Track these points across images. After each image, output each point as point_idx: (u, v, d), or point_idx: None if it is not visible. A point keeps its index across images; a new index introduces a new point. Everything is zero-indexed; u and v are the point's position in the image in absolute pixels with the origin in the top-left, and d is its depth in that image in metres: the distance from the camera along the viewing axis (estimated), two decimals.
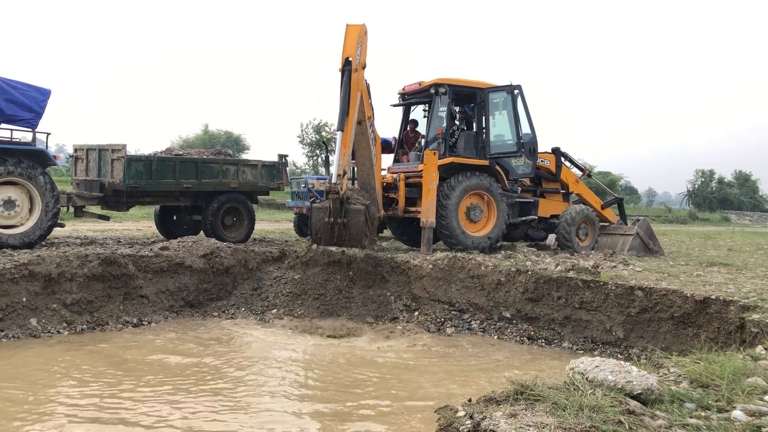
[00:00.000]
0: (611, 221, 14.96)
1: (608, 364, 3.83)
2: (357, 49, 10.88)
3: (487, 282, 9.80)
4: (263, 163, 14.11)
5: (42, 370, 6.97)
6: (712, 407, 3.57)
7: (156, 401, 6.08)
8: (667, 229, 31.48)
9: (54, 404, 5.93)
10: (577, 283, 9.07)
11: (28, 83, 10.99)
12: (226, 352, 8.10)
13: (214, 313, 10.18)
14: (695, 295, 7.97)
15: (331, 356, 8.10)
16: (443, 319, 9.76)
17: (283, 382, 6.88)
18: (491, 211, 12.68)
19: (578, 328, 9.02)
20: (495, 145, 13.01)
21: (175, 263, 10.17)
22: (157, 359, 7.63)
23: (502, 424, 3.18)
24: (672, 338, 8.11)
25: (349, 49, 10.84)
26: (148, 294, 9.82)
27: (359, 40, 10.92)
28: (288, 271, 11.02)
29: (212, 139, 52.50)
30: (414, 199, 12.59)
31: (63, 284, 9.01)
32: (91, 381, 6.66)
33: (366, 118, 11.64)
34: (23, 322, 8.51)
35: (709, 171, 74.47)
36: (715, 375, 4.07)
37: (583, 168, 15.67)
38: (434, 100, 12.83)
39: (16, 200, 10.50)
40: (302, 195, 16.65)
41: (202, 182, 13.00)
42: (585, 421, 3.13)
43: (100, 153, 12.56)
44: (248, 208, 13.89)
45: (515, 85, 13.08)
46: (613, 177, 62.23)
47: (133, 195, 12.55)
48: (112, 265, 9.51)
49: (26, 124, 10.90)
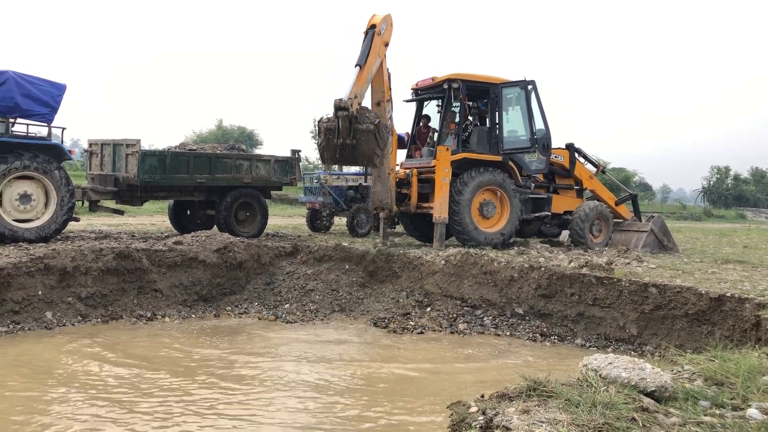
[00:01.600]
0: (625, 218, 14.86)
1: (622, 361, 3.80)
2: (382, 24, 11.22)
3: (500, 278, 9.78)
4: (276, 159, 14.12)
5: (69, 356, 7.04)
6: (726, 405, 3.54)
7: (166, 392, 6.12)
8: (682, 226, 31.25)
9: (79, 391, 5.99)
10: (591, 279, 9.02)
11: (43, 78, 11.08)
12: (239, 346, 8.13)
13: (227, 307, 10.23)
14: (710, 292, 7.91)
15: (342, 352, 8.12)
16: (455, 315, 9.75)
17: (294, 377, 6.90)
18: (504, 207, 12.64)
19: (591, 325, 8.98)
20: (508, 140, 12.95)
21: (188, 258, 10.22)
22: (170, 353, 7.68)
23: (515, 420, 3.17)
24: (686, 336, 8.05)
25: (376, 19, 11.26)
26: (162, 288, 9.88)
27: (385, 19, 11.31)
28: (301, 266, 11.06)
29: (226, 135, 52.66)
30: (426, 194, 12.57)
31: (78, 278, 9.09)
32: (106, 373, 6.72)
33: (384, 99, 11.68)
34: (39, 315, 8.61)
35: (724, 167, 73.82)
36: (730, 373, 4.04)
37: (597, 164, 15.56)
38: (447, 95, 12.79)
39: (32, 194, 10.60)
40: (315, 190, 16.66)
41: (216, 177, 13.04)
42: (598, 418, 3.12)
43: (115, 148, 12.62)
44: (261, 203, 13.93)
45: (529, 81, 13.01)
46: (627, 173, 61.85)
47: (148, 189, 12.61)
48: (126, 259, 9.58)
49: (42, 119, 10.99)
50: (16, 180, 10.42)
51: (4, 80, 10.46)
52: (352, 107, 10.24)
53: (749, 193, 71.82)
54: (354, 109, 10.28)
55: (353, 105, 10.29)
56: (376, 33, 11.05)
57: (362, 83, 10.77)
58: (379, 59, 11.22)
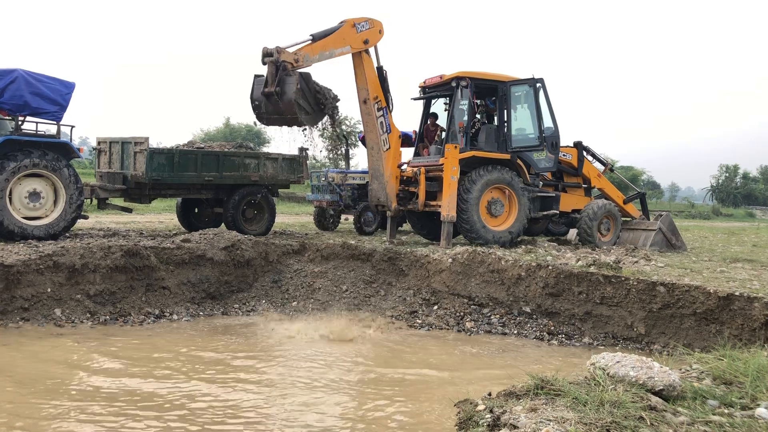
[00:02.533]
0: (633, 216, 14.79)
1: (630, 360, 3.80)
2: (363, 23, 11.52)
3: (507, 276, 9.76)
4: (284, 157, 14.14)
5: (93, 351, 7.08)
6: (735, 404, 3.53)
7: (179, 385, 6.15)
8: (690, 224, 31.11)
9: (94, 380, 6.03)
10: (599, 278, 9.00)
11: (53, 77, 11.12)
12: (246, 344, 8.16)
13: (234, 305, 10.26)
14: (718, 291, 7.88)
15: (349, 350, 8.13)
16: (463, 313, 9.74)
17: (301, 375, 6.92)
18: (512, 206, 12.61)
19: (599, 324, 8.96)
20: (516, 138, 12.91)
21: (196, 255, 10.25)
22: (177, 351, 7.71)
23: (522, 418, 3.17)
24: (694, 334, 8.02)
25: (354, 16, 11.58)
26: (170, 286, 9.92)
27: (369, 20, 11.62)
28: (308, 264, 11.07)
29: (233, 133, 52.69)
30: (434, 192, 12.54)
31: (86, 275, 9.14)
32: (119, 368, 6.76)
33: (371, 97, 11.84)
34: (48, 312, 8.66)
35: (733, 166, 73.41)
36: (739, 372, 4.02)
37: (606, 162, 15.49)
38: (455, 93, 12.74)
39: (41, 192, 10.65)
40: (322, 188, 16.66)
41: (224, 175, 13.06)
42: (606, 417, 3.11)
43: (123, 145, 12.67)
44: (269, 201, 13.95)
45: (537, 79, 12.96)
46: (636, 171, 61.62)
47: (156, 187, 12.64)
48: (135, 257, 9.62)
49: (51, 117, 11.04)
50: (26, 178, 10.48)
51: (13, 78, 10.50)
52: (281, 56, 10.31)
53: (758, 191, 71.41)
54: (283, 59, 10.33)
55: (284, 56, 10.36)
56: (347, 23, 11.38)
57: (312, 52, 10.91)
58: (348, 48, 11.41)
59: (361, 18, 11.63)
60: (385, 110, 12.09)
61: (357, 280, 10.70)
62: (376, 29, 11.83)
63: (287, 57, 10.46)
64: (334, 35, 11.28)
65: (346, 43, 11.42)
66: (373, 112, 11.88)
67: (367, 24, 11.63)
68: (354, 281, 10.67)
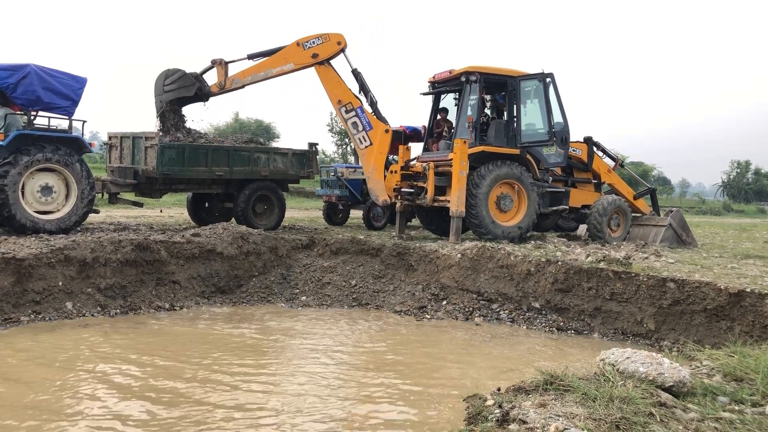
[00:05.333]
0: (644, 212, 14.73)
1: (639, 356, 3.79)
2: (314, 39, 12.72)
3: (517, 272, 9.75)
4: (294, 152, 14.17)
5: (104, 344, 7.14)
6: (746, 401, 3.52)
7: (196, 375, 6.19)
8: (701, 220, 30.93)
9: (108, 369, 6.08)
10: (608, 274, 8.97)
11: (65, 72, 11.19)
12: (257, 337, 8.19)
13: (244, 298, 10.30)
14: (729, 287, 7.84)
15: (357, 344, 8.15)
16: (471, 308, 9.75)
17: (310, 369, 6.94)
18: (522, 201, 12.57)
19: (608, 320, 8.94)
20: (526, 133, 12.86)
21: (206, 250, 10.30)
22: (191, 343, 7.76)
23: (532, 413, 3.18)
24: (705, 331, 7.99)
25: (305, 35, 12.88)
26: (180, 280, 9.97)
27: (322, 36, 12.78)
28: (317, 258, 11.10)
29: (243, 128, 52.74)
30: (443, 188, 12.53)
31: (97, 269, 9.21)
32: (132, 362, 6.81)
33: (335, 102, 12.91)
34: (59, 305, 8.73)
35: (745, 162, 72.93)
36: (750, 369, 4.01)
37: (616, 158, 15.43)
38: (465, 88, 12.72)
39: (53, 186, 10.72)
40: (331, 183, 16.69)
41: (234, 170, 13.11)
42: (615, 413, 3.11)
43: (134, 140, 12.73)
44: (279, 196, 13.98)
45: (547, 73, 12.91)
46: (646, 167, 61.27)
47: (166, 182, 12.70)
48: (145, 251, 9.68)
49: (63, 111, 11.10)
50: (38, 172, 10.55)
51: (26, 74, 10.57)
52: (219, 80, 12.55)
53: None
54: (217, 82, 12.57)
55: (222, 83, 12.51)
56: (293, 43, 12.64)
57: (243, 75, 12.64)
58: (291, 65, 12.67)
59: (312, 36, 12.73)
60: (358, 110, 12.90)
61: (366, 275, 10.72)
62: (333, 42, 12.88)
63: (213, 88, 12.60)
64: (274, 56, 12.65)
65: (288, 62, 12.71)
66: (341, 115, 13.03)
67: (319, 39, 12.76)
68: (363, 276, 10.69)
